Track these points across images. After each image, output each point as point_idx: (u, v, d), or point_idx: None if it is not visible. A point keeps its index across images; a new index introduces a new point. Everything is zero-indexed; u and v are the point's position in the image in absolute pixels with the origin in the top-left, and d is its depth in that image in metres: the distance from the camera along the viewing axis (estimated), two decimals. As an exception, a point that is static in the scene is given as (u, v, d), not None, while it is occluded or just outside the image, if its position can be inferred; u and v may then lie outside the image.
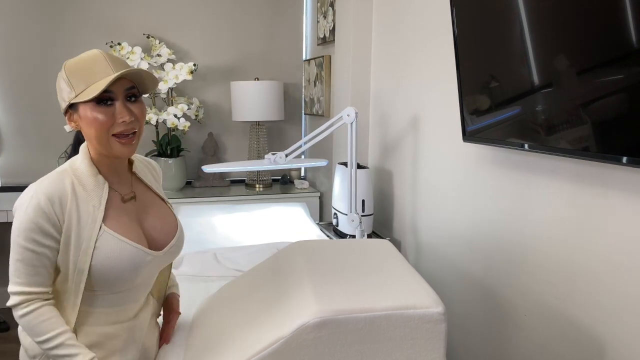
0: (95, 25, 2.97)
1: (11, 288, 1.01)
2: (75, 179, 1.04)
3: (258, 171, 3.08)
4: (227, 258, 1.89)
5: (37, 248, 0.99)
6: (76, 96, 1.00)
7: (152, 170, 1.24)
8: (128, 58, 2.80)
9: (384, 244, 1.41)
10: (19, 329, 1.11)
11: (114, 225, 1.05)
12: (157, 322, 1.27)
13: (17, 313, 1.00)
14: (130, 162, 1.17)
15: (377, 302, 1.01)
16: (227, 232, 2.24)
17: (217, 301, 1.39)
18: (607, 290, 1.16)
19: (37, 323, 0.99)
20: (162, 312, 1.31)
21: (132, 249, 1.05)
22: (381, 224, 2.37)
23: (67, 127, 1.14)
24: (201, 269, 1.82)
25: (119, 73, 0.98)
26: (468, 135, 1.52)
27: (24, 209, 0.99)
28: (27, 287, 1.00)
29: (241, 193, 2.97)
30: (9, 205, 2.66)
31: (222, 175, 3.19)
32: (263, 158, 3.04)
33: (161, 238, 1.14)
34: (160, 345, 1.25)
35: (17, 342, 2.64)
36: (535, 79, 1.20)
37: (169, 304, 1.30)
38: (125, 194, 1.11)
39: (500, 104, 1.35)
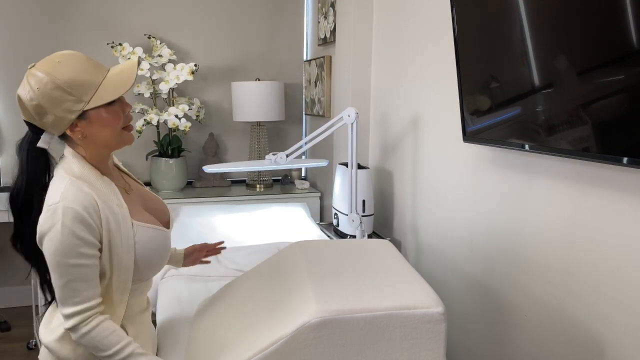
0: (96, 26, 2.98)
1: (67, 310, 0.99)
2: (89, 186, 1.02)
3: (259, 171, 3.09)
4: (227, 258, 1.89)
5: (88, 261, 0.99)
6: (88, 102, 0.99)
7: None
8: (129, 58, 2.80)
9: (385, 244, 1.42)
10: (48, 338, 1.06)
11: (137, 217, 1.09)
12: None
13: (79, 332, 0.99)
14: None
15: (378, 302, 1.01)
16: (227, 232, 2.24)
17: (217, 301, 1.39)
18: (607, 291, 1.16)
19: (102, 338, 1.00)
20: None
21: (161, 233, 1.12)
22: (381, 224, 2.37)
23: (42, 143, 1.04)
24: (201, 269, 1.82)
25: (134, 75, 1.03)
26: (468, 136, 1.52)
27: (58, 228, 0.95)
28: (85, 304, 1.00)
29: (242, 193, 2.98)
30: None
31: (223, 176, 3.20)
32: (264, 158, 3.04)
33: (161, 217, 1.21)
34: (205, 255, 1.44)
35: (18, 342, 2.64)
36: (536, 79, 1.20)
37: (190, 253, 1.40)
38: (124, 186, 1.15)
39: (500, 104, 1.35)
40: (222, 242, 1.46)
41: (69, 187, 0.99)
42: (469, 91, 1.48)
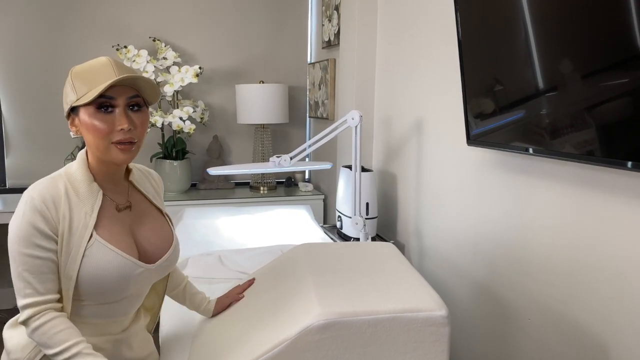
0: (101, 28, 3.00)
1: (21, 302, 0.96)
2: (69, 184, 1.01)
3: (262, 174, 3.09)
4: (231, 260, 1.90)
5: (41, 253, 0.96)
6: (77, 99, 0.98)
7: (151, 180, 1.21)
8: (134, 61, 2.82)
9: (388, 247, 1.42)
10: (4, 332, 1.08)
11: (105, 234, 1.02)
12: (150, 335, 1.24)
13: (30, 327, 0.96)
14: (128, 171, 1.15)
15: (381, 305, 1.01)
16: (231, 234, 2.24)
17: (221, 303, 1.39)
18: (610, 294, 1.15)
19: (52, 335, 0.96)
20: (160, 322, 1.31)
21: (121, 260, 1.02)
22: (385, 227, 2.37)
23: (72, 133, 1.14)
24: (206, 271, 1.82)
25: (116, 78, 0.95)
26: (472, 139, 1.52)
27: (20, 215, 0.96)
28: (38, 296, 0.97)
29: (246, 195, 2.98)
30: (16, 207, 2.68)
31: (226, 178, 3.20)
32: (268, 161, 3.05)
33: (154, 251, 1.11)
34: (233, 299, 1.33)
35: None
36: (540, 82, 1.20)
37: (223, 305, 1.33)
38: (120, 203, 1.08)
39: (504, 107, 1.35)
40: (252, 281, 1.38)
41: (45, 179, 1.01)
42: (473, 94, 1.48)
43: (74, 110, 1.01)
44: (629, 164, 0.99)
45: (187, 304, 1.31)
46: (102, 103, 0.98)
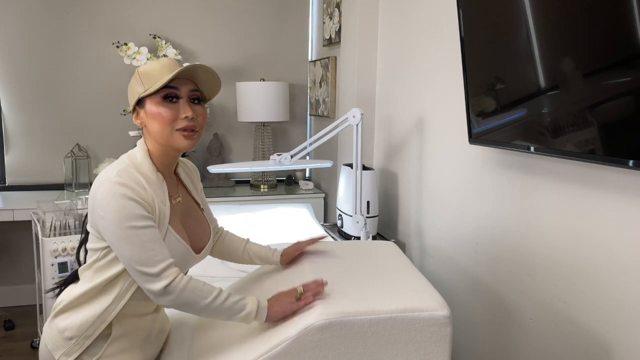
0: (102, 25, 2.99)
1: (157, 267, 0.99)
2: (139, 174, 1.06)
3: (263, 172, 3.09)
4: (231, 259, 1.89)
5: (151, 222, 1.01)
6: (145, 91, 1.06)
7: (189, 172, 1.27)
8: (134, 58, 2.81)
9: (389, 246, 1.41)
10: (53, 320, 1.10)
11: (173, 224, 1.10)
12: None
13: (177, 288, 0.99)
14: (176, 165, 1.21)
15: (382, 305, 1.01)
16: (232, 232, 2.23)
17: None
18: (612, 294, 1.15)
19: (201, 287, 1.01)
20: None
21: (184, 250, 1.11)
22: (386, 225, 2.36)
23: (132, 133, 1.18)
24: (206, 270, 1.82)
25: (184, 67, 1.03)
26: (474, 138, 1.51)
27: (117, 198, 0.98)
28: (169, 259, 1.01)
29: (246, 193, 2.98)
30: (16, 205, 2.68)
31: (227, 176, 3.20)
32: (268, 159, 3.04)
33: (197, 241, 1.18)
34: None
35: (22, 340, 2.65)
36: (542, 81, 1.19)
37: (289, 255, 1.32)
38: (174, 194, 1.15)
39: (506, 106, 1.34)
40: (322, 238, 1.38)
41: (125, 169, 1.04)
42: (475, 93, 1.47)
43: (139, 103, 1.09)
44: (631, 162, 0.99)
45: (255, 262, 1.36)
46: (168, 93, 1.06)
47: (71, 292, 1.10)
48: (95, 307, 1.07)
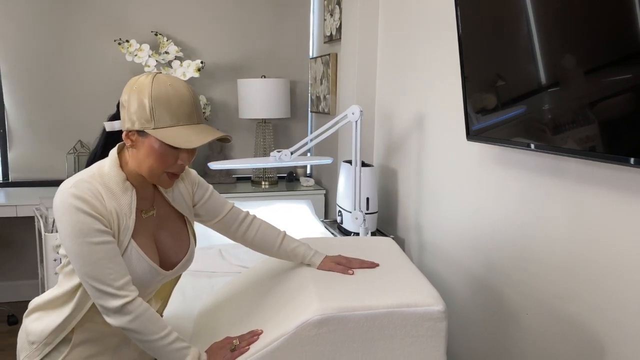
0: (103, 22, 3.00)
1: (109, 289, 0.94)
2: (102, 185, 1.00)
3: (264, 168, 3.10)
4: (231, 254, 1.90)
5: (108, 237, 0.96)
6: (155, 129, 0.97)
7: (180, 181, 1.18)
8: (136, 55, 2.82)
9: (387, 242, 1.42)
10: (28, 316, 1.09)
11: (139, 238, 1.04)
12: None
13: (130, 313, 0.95)
14: None
15: (379, 300, 1.02)
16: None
17: (220, 298, 1.40)
18: (608, 291, 1.15)
19: (155, 320, 0.98)
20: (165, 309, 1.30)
21: (148, 267, 1.04)
22: (385, 221, 2.37)
23: (108, 125, 1.09)
24: (206, 265, 1.83)
25: (207, 140, 0.97)
26: (472, 135, 1.51)
27: (68, 213, 0.94)
28: (123, 278, 0.96)
29: (247, 190, 2.99)
30: (19, 201, 2.69)
31: (228, 172, 3.21)
32: (269, 155, 3.05)
33: (171, 256, 1.12)
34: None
35: (26, 335, 2.67)
36: (542, 77, 1.19)
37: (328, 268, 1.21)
38: (146, 207, 1.09)
39: (505, 102, 1.34)
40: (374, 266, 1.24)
41: (85, 180, 0.98)
42: (474, 89, 1.47)
43: (141, 131, 0.99)
44: (632, 160, 0.99)
45: (289, 259, 1.28)
46: None
47: (48, 293, 1.08)
48: (57, 315, 1.04)
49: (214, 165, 1.82)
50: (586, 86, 1.07)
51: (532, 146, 1.26)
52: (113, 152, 1.05)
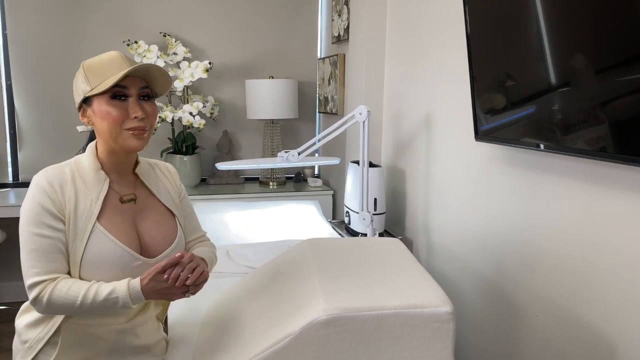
0: (112, 24, 3.02)
1: (28, 281, 0.98)
2: (76, 171, 1.06)
3: (272, 169, 3.10)
4: (239, 255, 1.91)
5: (50, 232, 1.00)
6: (91, 89, 1.02)
7: (160, 174, 1.20)
8: (145, 56, 2.83)
9: (395, 243, 1.41)
10: (17, 319, 1.11)
11: (107, 224, 1.05)
12: (160, 323, 1.25)
13: (42, 302, 0.98)
14: (136, 164, 1.16)
15: (386, 301, 1.01)
16: (240, 229, 2.25)
17: (227, 298, 1.40)
18: (618, 292, 1.14)
19: (66, 291, 0.98)
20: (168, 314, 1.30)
21: (120, 251, 1.04)
22: (393, 222, 2.36)
23: (80, 127, 1.16)
24: (213, 265, 1.83)
25: (133, 66, 1.00)
26: (481, 135, 1.50)
27: (30, 198, 1.02)
28: (44, 275, 0.98)
29: (255, 190, 2.99)
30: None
31: (236, 173, 3.22)
32: (277, 156, 3.05)
33: (155, 245, 1.11)
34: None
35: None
36: (552, 77, 1.18)
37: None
38: (125, 194, 1.10)
39: (515, 103, 1.33)
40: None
41: (54, 166, 1.06)
42: (483, 89, 1.46)
43: (86, 101, 1.05)
44: (642, 160, 0.97)
45: None
46: (117, 92, 1.02)
47: None
48: (42, 316, 1.05)
49: (222, 166, 1.83)
50: (597, 86, 1.06)
51: (542, 146, 1.25)
52: (90, 144, 1.11)
